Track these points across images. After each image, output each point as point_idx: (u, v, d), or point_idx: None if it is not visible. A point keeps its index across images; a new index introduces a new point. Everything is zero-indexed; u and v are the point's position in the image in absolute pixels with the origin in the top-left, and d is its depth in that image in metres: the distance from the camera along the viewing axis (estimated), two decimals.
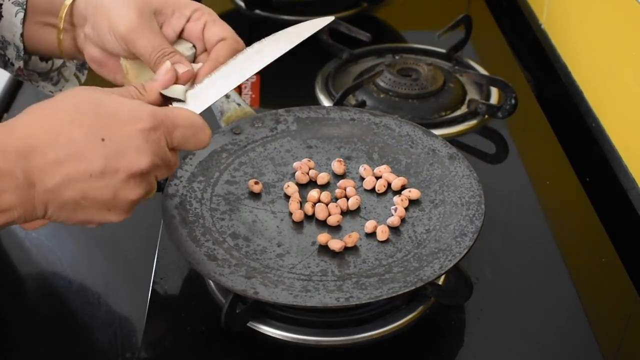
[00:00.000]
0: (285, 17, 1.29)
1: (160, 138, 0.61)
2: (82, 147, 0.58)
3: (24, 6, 0.75)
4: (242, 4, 1.32)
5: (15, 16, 0.76)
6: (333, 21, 1.17)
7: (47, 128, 0.58)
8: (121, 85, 0.75)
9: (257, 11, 1.31)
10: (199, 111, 0.67)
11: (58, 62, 0.84)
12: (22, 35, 0.76)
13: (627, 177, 0.92)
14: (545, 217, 0.89)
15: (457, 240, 0.73)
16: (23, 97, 1.18)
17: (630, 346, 0.76)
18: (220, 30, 0.73)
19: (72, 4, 0.75)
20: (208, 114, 0.92)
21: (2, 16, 0.76)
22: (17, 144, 0.57)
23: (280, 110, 0.90)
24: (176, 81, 0.69)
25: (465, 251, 0.71)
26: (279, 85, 1.13)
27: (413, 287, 0.68)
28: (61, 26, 0.75)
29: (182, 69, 0.69)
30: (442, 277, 0.77)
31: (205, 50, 0.74)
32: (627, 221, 0.89)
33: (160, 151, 0.61)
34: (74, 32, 0.76)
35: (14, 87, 1.19)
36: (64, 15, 0.75)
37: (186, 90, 0.69)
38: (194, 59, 0.74)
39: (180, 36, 0.74)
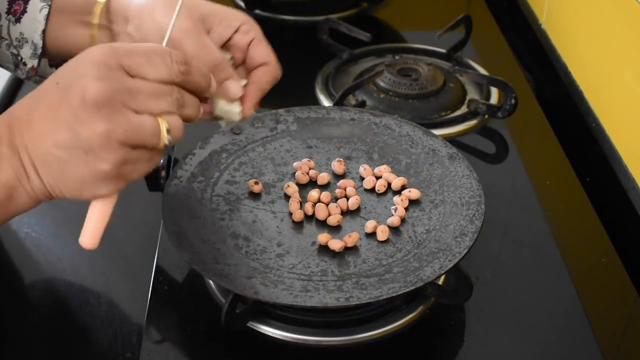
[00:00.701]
0: (285, 17, 1.30)
1: (110, 63, 0.57)
2: (42, 95, 0.58)
3: (49, 2, 0.75)
4: (242, 4, 1.32)
5: (40, 12, 0.76)
6: (333, 21, 1.18)
7: (29, 95, 0.60)
8: None
9: (257, 11, 1.31)
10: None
11: None
12: (43, 32, 0.76)
13: (627, 177, 0.92)
14: (545, 217, 0.89)
15: (457, 240, 0.73)
16: (23, 97, 1.18)
17: (630, 346, 0.76)
18: (264, 53, 0.74)
19: (108, 1, 0.75)
20: None
21: (26, 11, 0.76)
22: (2, 118, 0.59)
23: (280, 110, 0.90)
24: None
25: (465, 251, 0.71)
26: (279, 85, 1.13)
27: (413, 287, 0.68)
28: (96, 21, 0.75)
29: (234, 86, 0.70)
30: (442, 277, 0.77)
31: (243, 63, 0.75)
32: (627, 221, 0.89)
33: (110, 74, 0.56)
34: (110, 30, 0.76)
35: (14, 87, 1.19)
36: (99, 12, 0.75)
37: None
38: None
39: (223, 46, 0.74)
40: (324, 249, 0.75)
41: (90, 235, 0.61)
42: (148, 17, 0.71)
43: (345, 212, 0.79)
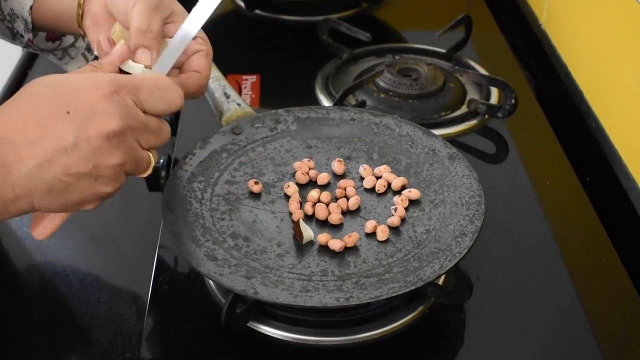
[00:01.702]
0: (285, 17, 1.30)
1: (125, 99, 0.61)
2: (50, 125, 0.58)
3: None
4: (242, 4, 1.32)
5: None
6: (333, 21, 1.18)
7: (15, 118, 0.59)
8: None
9: (257, 11, 1.31)
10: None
11: (66, 42, 0.85)
12: (31, 8, 0.77)
13: (627, 177, 0.92)
14: (545, 217, 0.89)
15: (457, 240, 0.73)
16: None
17: (630, 346, 0.76)
18: (204, 65, 0.74)
19: None
20: (208, 114, 0.93)
21: None
22: None
23: (280, 110, 0.90)
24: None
25: (465, 251, 0.71)
26: (279, 85, 1.13)
27: (413, 287, 0.68)
28: (81, 2, 0.76)
29: (144, 54, 0.70)
30: (442, 277, 0.77)
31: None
32: (627, 221, 0.89)
33: (129, 111, 0.60)
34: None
35: (14, 87, 1.19)
36: None
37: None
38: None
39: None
40: (324, 249, 0.75)
41: (48, 228, 0.64)
42: None
43: (345, 212, 0.79)
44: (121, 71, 0.68)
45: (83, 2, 0.76)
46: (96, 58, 0.79)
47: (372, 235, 0.76)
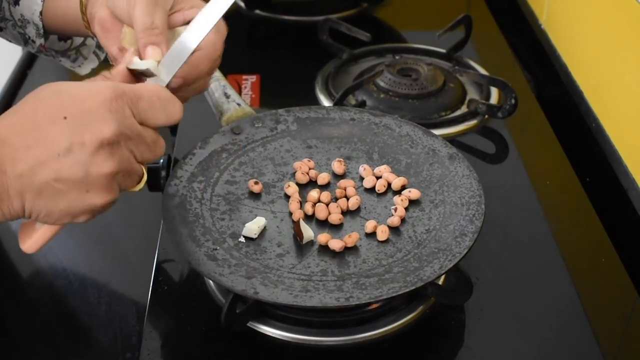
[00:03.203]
0: (286, 17, 1.30)
1: (123, 107, 0.60)
2: (46, 128, 0.58)
3: None
4: (242, 4, 1.32)
5: None
6: (333, 21, 1.18)
7: (14, 120, 0.59)
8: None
9: (257, 11, 1.31)
10: (167, 79, 0.68)
11: (77, 41, 0.85)
12: (41, 13, 0.77)
13: (627, 177, 0.92)
14: (545, 217, 0.89)
15: (457, 240, 0.73)
16: (23, 97, 1.18)
17: (630, 346, 0.76)
18: (210, 40, 0.73)
19: None
20: (208, 114, 0.93)
21: None
22: None
23: (280, 110, 0.90)
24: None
25: (465, 251, 0.71)
26: (279, 85, 1.13)
27: (413, 287, 0.68)
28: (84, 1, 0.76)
29: (154, 51, 0.69)
30: (442, 277, 0.77)
31: None
32: (627, 221, 0.89)
33: (125, 121, 0.60)
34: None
35: (14, 87, 1.19)
36: None
37: (157, 65, 0.69)
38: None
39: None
40: (324, 249, 0.75)
41: (36, 243, 0.64)
42: None
43: (345, 212, 0.79)
44: (133, 74, 0.68)
45: (85, 8, 0.76)
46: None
47: (372, 235, 0.76)
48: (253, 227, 0.76)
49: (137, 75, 0.68)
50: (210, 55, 0.73)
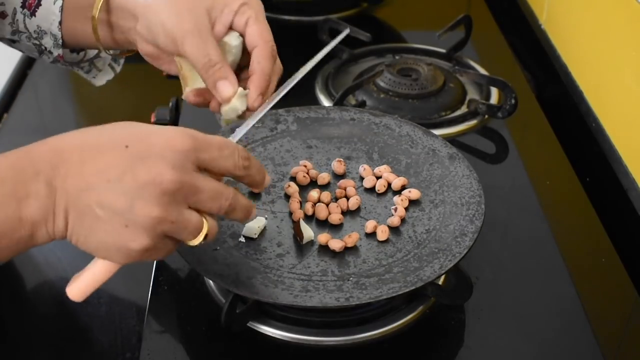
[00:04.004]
0: (286, 17, 1.30)
1: (188, 155, 0.57)
2: (105, 152, 0.56)
3: None
4: None
5: (54, 4, 0.78)
6: (333, 21, 1.18)
7: (79, 136, 0.58)
8: (176, 75, 0.76)
9: None
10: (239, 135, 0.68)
11: (90, 54, 0.85)
12: (60, 23, 0.78)
13: (627, 177, 0.92)
14: (545, 217, 0.89)
15: (457, 240, 0.73)
16: (23, 97, 1.18)
17: (630, 346, 0.76)
18: (255, 32, 0.73)
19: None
20: (208, 114, 0.93)
21: (40, 4, 0.78)
22: (46, 151, 0.57)
23: (280, 110, 0.90)
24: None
25: (465, 251, 0.71)
26: (279, 86, 1.13)
27: (413, 287, 0.68)
28: (96, 16, 0.76)
29: (225, 87, 0.70)
30: (442, 277, 0.77)
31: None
32: (627, 221, 0.89)
33: (186, 167, 0.57)
34: (111, 25, 0.77)
35: (14, 87, 1.19)
36: (99, 6, 0.75)
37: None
38: (242, 49, 0.74)
39: (230, 28, 0.74)
40: (324, 249, 0.75)
41: (82, 288, 0.61)
42: (153, 15, 0.72)
43: (345, 212, 0.79)
44: None
45: (97, 27, 0.76)
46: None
47: (372, 235, 0.76)
48: (253, 226, 0.76)
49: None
50: (262, 51, 0.73)
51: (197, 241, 0.59)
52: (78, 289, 0.61)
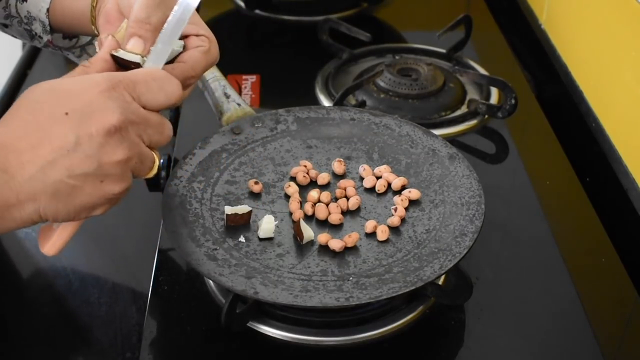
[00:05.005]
0: (285, 17, 1.30)
1: (122, 94, 0.59)
2: (49, 127, 0.57)
3: None
4: (242, 4, 1.32)
5: None
6: (333, 21, 1.18)
7: (15, 125, 0.58)
8: None
9: (257, 11, 1.31)
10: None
11: (83, 40, 0.85)
12: (47, 10, 0.78)
13: (627, 177, 0.92)
14: (545, 217, 0.89)
15: (457, 240, 0.73)
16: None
17: (630, 346, 0.76)
18: (192, 29, 0.71)
19: None
20: (208, 114, 0.93)
21: None
22: None
23: (280, 110, 0.90)
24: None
25: (465, 251, 0.71)
26: (279, 85, 1.13)
27: (413, 287, 0.68)
28: None
29: (137, 43, 0.67)
30: (442, 277, 0.77)
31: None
32: (627, 221, 0.89)
33: (128, 106, 0.59)
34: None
35: (14, 87, 1.19)
36: None
37: (142, 58, 0.67)
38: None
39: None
40: (324, 249, 0.75)
41: (57, 244, 0.63)
42: None
43: (345, 212, 0.79)
44: (117, 62, 0.67)
45: (96, 3, 0.76)
46: None
47: (372, 235, 0.76)
48: (269, 227, 0.75)
49: (121, 66, 0.66)
50: (182, 71, 0.69)
51: (151, 173, 0.63)
52: (53, 245, 0.63)
